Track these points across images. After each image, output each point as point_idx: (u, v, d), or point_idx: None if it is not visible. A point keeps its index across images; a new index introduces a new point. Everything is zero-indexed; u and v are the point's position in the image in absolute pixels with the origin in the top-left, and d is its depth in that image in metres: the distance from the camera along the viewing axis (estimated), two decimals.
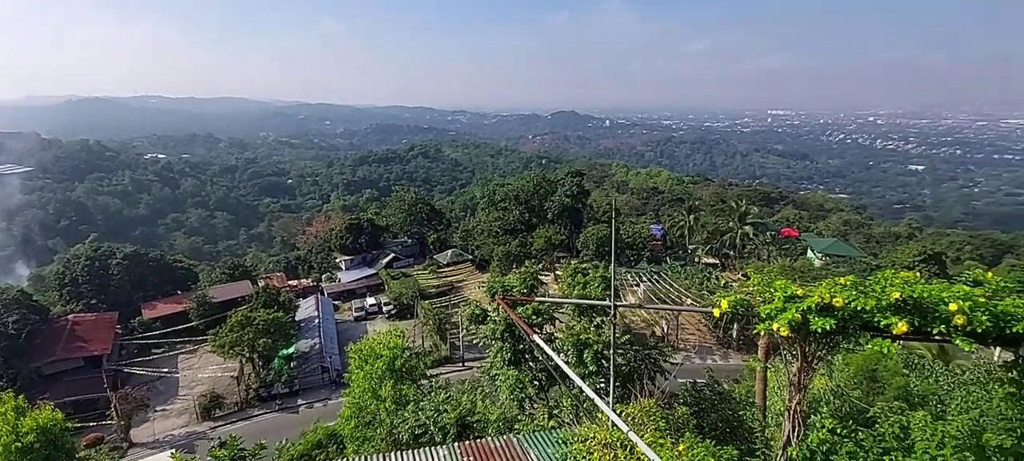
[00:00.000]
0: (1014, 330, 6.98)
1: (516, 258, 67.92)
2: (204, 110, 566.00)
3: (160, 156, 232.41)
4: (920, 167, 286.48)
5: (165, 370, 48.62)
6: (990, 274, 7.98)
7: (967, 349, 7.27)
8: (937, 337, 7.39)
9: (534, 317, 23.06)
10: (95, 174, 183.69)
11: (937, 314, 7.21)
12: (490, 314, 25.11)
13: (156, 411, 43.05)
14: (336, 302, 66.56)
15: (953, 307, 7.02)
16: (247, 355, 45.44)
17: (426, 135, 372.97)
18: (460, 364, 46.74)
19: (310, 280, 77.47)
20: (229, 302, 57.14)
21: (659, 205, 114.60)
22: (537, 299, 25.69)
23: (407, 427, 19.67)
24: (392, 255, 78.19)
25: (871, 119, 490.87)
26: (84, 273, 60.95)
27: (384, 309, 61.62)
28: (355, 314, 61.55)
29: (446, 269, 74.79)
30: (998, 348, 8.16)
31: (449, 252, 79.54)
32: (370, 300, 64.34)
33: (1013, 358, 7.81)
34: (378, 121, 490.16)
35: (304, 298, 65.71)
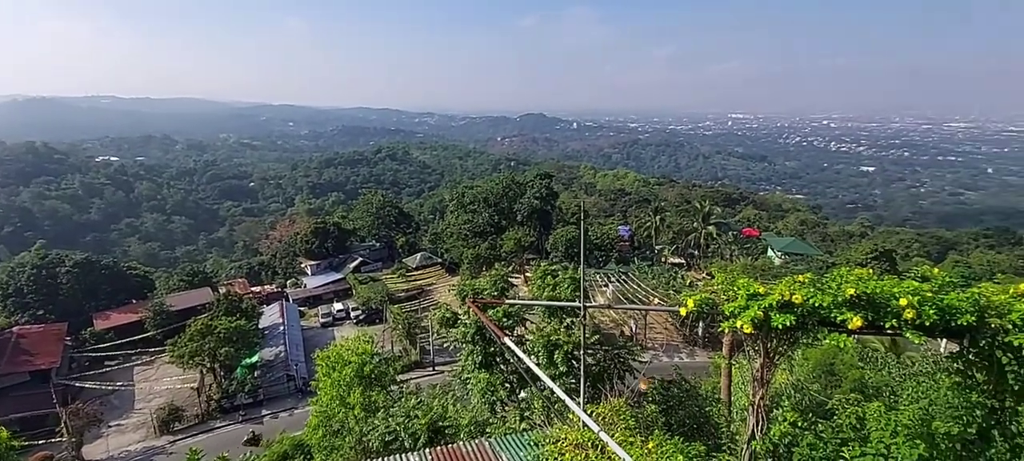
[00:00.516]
0: (959, 323, 7.40)
1: (486, 261, 67.83)
2: (159, 111, 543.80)
3: (112, 159, 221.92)
4: (871, 168, 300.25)
5: (120, 383, 46.37)
6: (936, 270, 8.44)
7: (917, 341, 7.66)
8: (889, 331, 7.75)
9: (505, 319, 23.11)
10: (42, 178, 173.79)
11: (889, 309, 7.57)
12: (461, 317, 25.06)
13: (110, 426, 41.02)
14: (302, 308, 64.97)
15: (903, 302, 7.38)
16: (208, 365, 43.84)
17: (393, 137, 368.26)
18: (430, 368, 46.39)
19: (274, 286, 75.41)
20: (188, 310, 55.02)
21: (626, 206, 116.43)
22: (507, 302, 25.73)
23: (377, 435, 19.37)
24: (360, 259, 76.95)
25: (825, 123, 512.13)
26: (30, 282, 57.63)
27: (352, 314, 60.53)
28: (322, 320, 60.25)
29: (415, 273, 74.09)
30: (944, 340, 8.63)
31: (418, 255, 78.85)
32: (337, 305, 63.09)
33: (958, 349, 8.28)
34: (344, 123, 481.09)
35: (268, 305, 63.88)
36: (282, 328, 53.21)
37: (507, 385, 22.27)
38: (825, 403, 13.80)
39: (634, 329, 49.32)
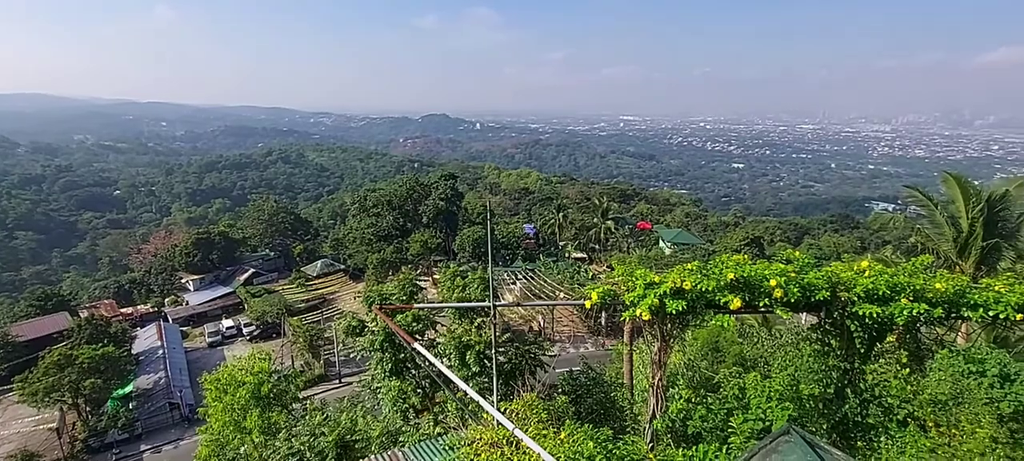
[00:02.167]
0: (816, 298, 8.57)
1: (392, 265, 66.14)
2: None
3: None
4: (740, 165, 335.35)
5: None
6: (797, 253, 9.67)
7: (785, 317, 8.74)
8: (763, 309, 8.77)
9: (414, 324, 22.73)
10: None
11: (762, 289, 8.56)
12: (368, 325, 24.20)
13: None
14: (184, 328, 58.89)
15: (773, 283, 8.39)
16: (70, 401, 38.14)
17: (286, 138, 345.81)
18: (337, 381, 44.39)
19: (149, 306, 67.45)
20: (41, 340, 47.50)
21: (530, 205, 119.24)
22: (416, 306, 25.28)
23: (279, 458, 18.13)
24: (251, 270, 71.37)
25: (702, 124, 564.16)
26: None
27: (244, 331, 56.03)
28: (209, 339, 55.08)
29: (316, 281, 70.28)
30: (805, 314, 9.91)
31: (318, 263, 74.87)
32: (227, 322, 58.04)
33: (817, 321, 9.57)
34: (227, 123, 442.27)
35: (142, 327, 57.16)
36: (161, 352, 47.85)
37: (420, 391, 21.92)
38: (713, 378, 15.20)
39: (542, 324, 50.77)
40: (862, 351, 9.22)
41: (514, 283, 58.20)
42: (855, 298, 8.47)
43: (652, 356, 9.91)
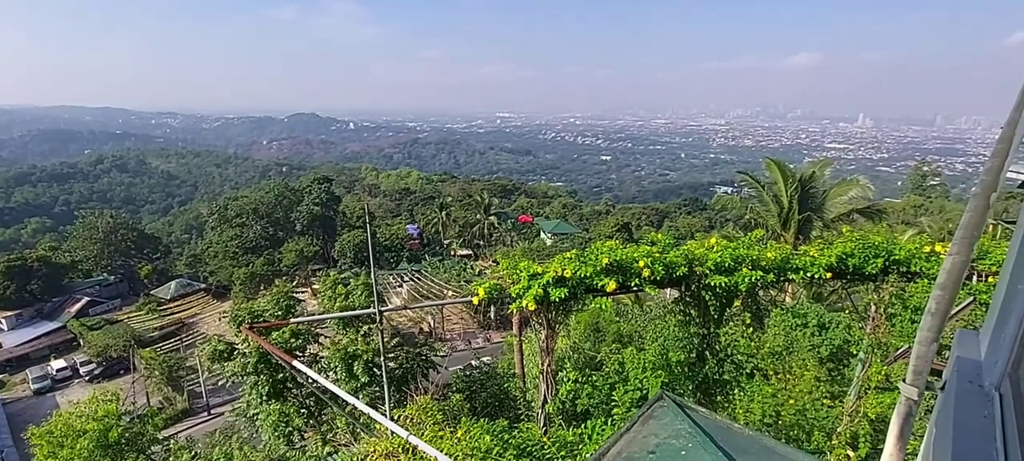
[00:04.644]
0: (677, 274, 9.60)
1: (263, 278, 60.94)
2: None
3: None
4: (607, 157, 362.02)
5: None
6: (660, 235, 10.73)
7: (653, 293, 9.67)
8: (634, 288, 9.61)
9: (293, 340, 21.22)
10: None
11: (632, 271, 9.37)
12: (238, 347, 22.05)
13: None
14: (0, 376, 48.84)
15: (641, 264, 9.23)
16: None
17: (121, 143, 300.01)
18: (205, 414, 40.08)
19: None
20: None
21: (413, 205, 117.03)
22: (294, 321, 23.57)
23: None
24: (86, 299, 61.15)
25: (572, 120, 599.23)
26: None
27: (82, 370, 48.02)
28: (35, 386, 46.26)
29: (171, 305, 62.39)
30: (669, 289, 11.03)
31: (173, 284, 66.50)
32: (57, 363, 49.23)
33: (679, 295, 10.72)
34: (42, 126, 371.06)
35: None
36: None
37: (304, 411, 20.56)
38: (596, 357, 16.31)
39: (433, 324, 50.30)
40: (716, 317, 10.52)
41: (401, 286, 56.89)
42: (707, 271, 9.63)
43: (540, 344, 10.34)
